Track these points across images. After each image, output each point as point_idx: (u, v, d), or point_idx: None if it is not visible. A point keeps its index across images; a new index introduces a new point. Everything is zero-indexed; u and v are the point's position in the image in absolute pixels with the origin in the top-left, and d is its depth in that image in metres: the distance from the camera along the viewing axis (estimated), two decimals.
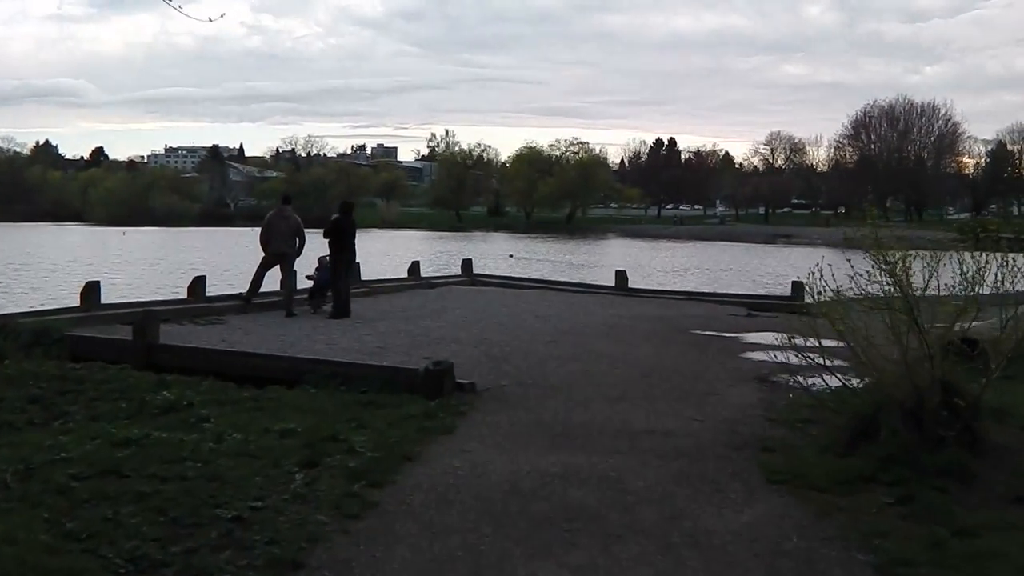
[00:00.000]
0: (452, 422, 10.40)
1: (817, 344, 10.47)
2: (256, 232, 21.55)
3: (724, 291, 29.06)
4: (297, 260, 20.66)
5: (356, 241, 20.92)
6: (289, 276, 20.42)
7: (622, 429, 10.39)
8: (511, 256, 60.18)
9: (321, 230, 20.38)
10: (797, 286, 23.97)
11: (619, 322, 20.05)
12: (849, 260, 10.32)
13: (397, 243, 77.39)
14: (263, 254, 20.60)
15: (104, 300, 20.94)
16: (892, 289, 9.65)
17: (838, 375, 10.58)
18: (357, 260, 22.70)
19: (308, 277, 21.10)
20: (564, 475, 8.44)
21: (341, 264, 20.06)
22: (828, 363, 10.61)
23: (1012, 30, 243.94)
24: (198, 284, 20.54)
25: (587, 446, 9.59)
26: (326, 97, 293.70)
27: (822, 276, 10.33)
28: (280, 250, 20.29)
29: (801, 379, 13.80)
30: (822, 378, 11.18)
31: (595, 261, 60.30)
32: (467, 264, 29.32)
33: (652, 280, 40.77)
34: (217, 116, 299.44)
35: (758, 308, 23.32)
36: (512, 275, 33.07)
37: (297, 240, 20.47)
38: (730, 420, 11.03)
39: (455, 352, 15.01)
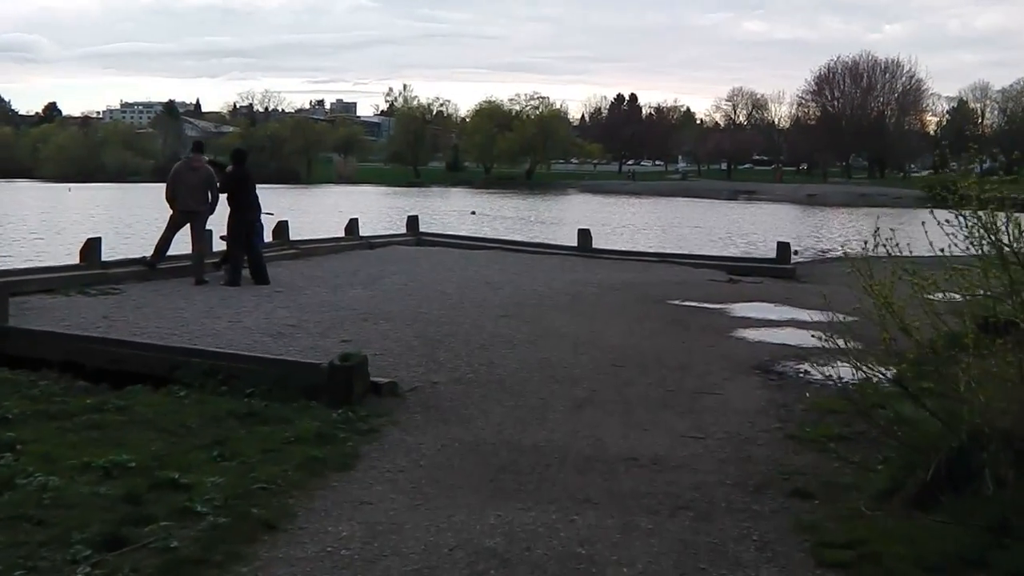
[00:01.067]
0: (355, 448, 7.39)
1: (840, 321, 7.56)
2: None
3: (698, 252, 26.04)
4: (210, 219, 17.53)
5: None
6: (200, 238, 17.24)
7: (592, 456, 7.44)
8: (473, 213, 56.23)
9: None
10: (783, 247, 21.20)
11: (583, 290, 17.08)
12: (941, 221, 7.17)
13: (350, 199, 73.95)
14: (170, 212, 17.45)
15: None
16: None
17: (863, 365, 7.65)
18: (284, 218, 19.78)
19: (223, 238, 17.92)
20: (507, 555, 5.45)
21: (244, 224, 16.98)
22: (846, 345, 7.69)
23: None
24: (92, 247, 17.19)
25: (543, 489, 6.63)
26: (285, 52, 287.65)
27: (884, 241, 7.25)
28: (189, 207, 17.06)
29: (812, 368, 11.00)
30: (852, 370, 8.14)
31: (556, 217, 56.95)
32: (413, 221, 26.07)
33: (617, 239, 37.70)
34: (175, 71, 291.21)
35: (740, 272, 20.43)
36: (463, 234, 29.76)
37: (210, 195, 17.25)
38: (737, 438, 8.11)
39: (383, 332, 12.07)
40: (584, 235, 23.20)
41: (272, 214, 19.70)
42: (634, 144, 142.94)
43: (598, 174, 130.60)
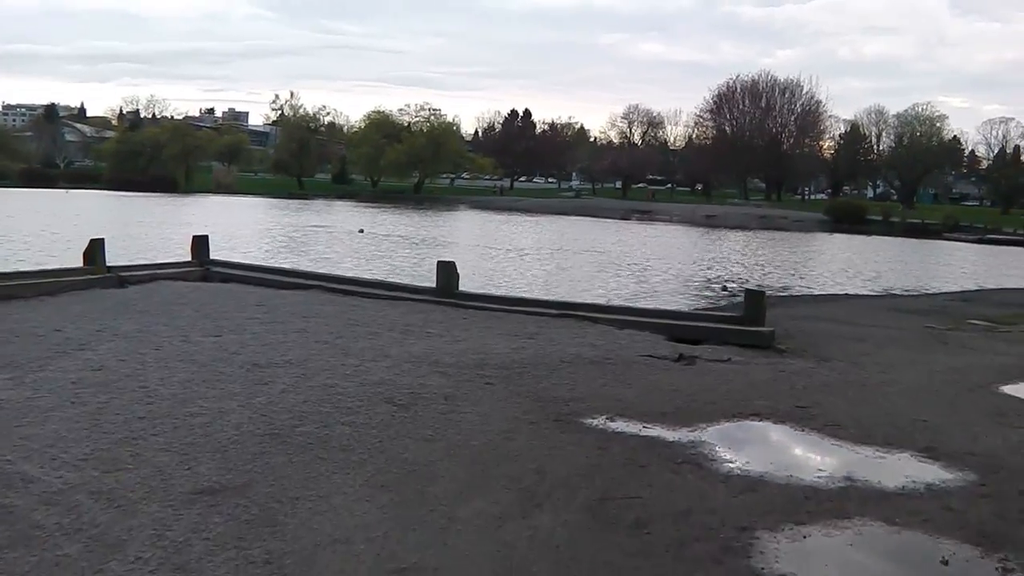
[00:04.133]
0: None
1: None
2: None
3: (617, 301, 17.85)
4: None
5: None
6: None
7: None
8: (361, 231, 46.82)
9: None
10: (754, 299, 13.25)
11: (424, 386, 8.88)
12: None
13: (205, 211, 64.67)
14: None
15: None
16: None
17: None
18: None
19: None
20: None
21: None
22: None
23: (861, 17, 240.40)
24: None
25: None
26: (179, 59, 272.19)
27: None
28: None
29: None
30: None
31: (441, 236, 48.33)
32: (200, 244, 17.36)
33: (501, 272, 29.66)
34: (65, 75, 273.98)
35: (690, 338, 12.45)
36: (271, 265, 20.72)
37: None
38: None
39: None
40: (446, 271, 14.80)
41: None
42: (527, 160, 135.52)
43: (484, 189, 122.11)
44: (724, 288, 27.32)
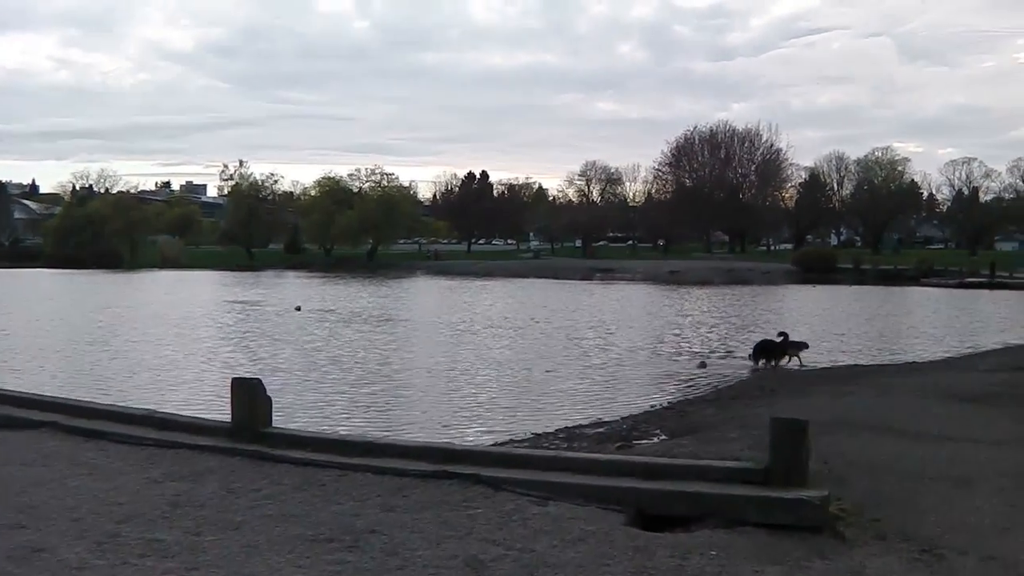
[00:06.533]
0: None
1: None
2: None
3: (580, 419, 11.57)
4: None
5: None
6: None
7: None
8: (298, 309, 40.62)
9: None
10: (786, 433, 7.11)
11: None
12: None
13: (137, 288, 58.30)
14: None
15: None
16: None
17: None
18: None
19: None
20: None
21: None
22: None
23: (813, 68, 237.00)
24: None
25: None
26: (136, 134, 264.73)
27: None
28: None
29: None
30: None
31: (381, 310, 42.08)
32: None
33: (425, 353, 23.74)
34: (23, 153, 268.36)
35: (665, 515, 6.44)
36: (41, 394, 12.73)
37: None
38: None
39: None
40: (247, 397, 8.28)
41: None
42: (486, 222, 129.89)
43: (417, 255, 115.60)
44: (702, 365, 21.38)
